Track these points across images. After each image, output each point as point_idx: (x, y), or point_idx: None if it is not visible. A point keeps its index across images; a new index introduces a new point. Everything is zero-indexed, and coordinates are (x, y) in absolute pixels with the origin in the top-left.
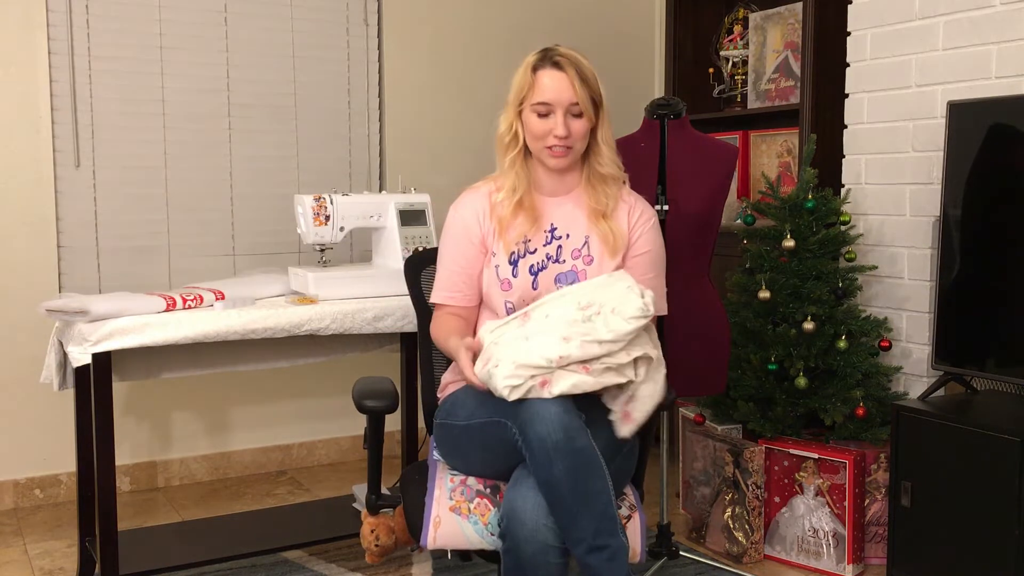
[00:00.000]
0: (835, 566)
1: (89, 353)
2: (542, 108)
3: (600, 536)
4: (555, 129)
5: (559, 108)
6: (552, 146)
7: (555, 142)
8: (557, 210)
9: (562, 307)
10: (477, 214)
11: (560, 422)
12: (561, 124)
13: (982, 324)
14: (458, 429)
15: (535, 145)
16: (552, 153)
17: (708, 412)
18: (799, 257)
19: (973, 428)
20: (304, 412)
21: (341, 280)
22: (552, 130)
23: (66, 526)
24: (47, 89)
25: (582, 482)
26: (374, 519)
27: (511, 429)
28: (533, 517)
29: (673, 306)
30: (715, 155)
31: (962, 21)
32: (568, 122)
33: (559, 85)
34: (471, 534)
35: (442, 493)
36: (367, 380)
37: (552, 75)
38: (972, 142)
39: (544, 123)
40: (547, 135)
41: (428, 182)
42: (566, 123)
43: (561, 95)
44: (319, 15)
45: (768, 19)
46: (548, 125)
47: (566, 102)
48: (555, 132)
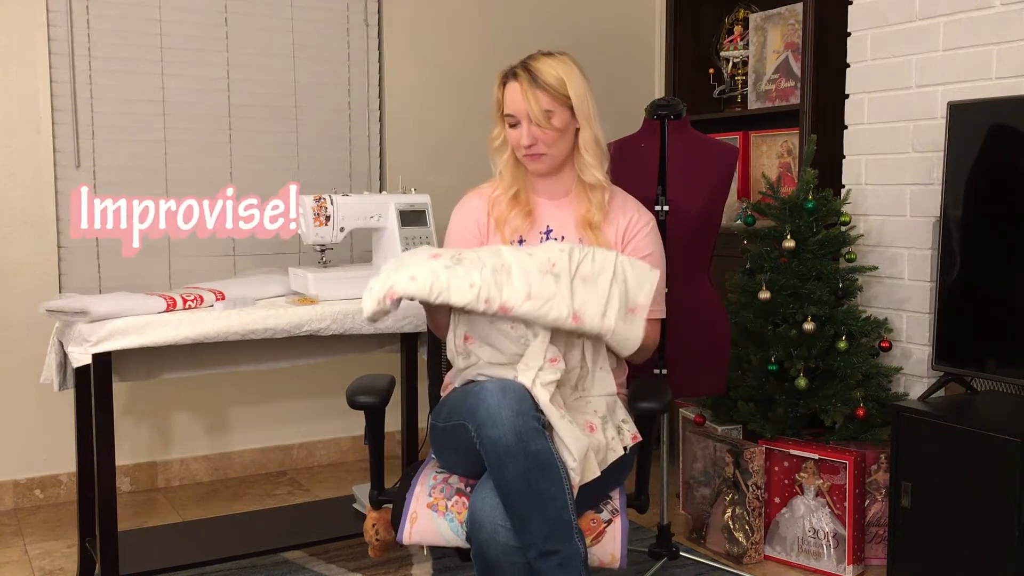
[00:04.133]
0: (835, 567)
1: (89, 353)
2: (510, 120)
3: (551, 541)
4: (521, 139)
5: (522, 118)
6: (524, 155)
7: (522, 150)
8: (553, 212)
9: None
10: (477, 213)
11: (512, 425)
12: (525, 134)
13: (982, 325)
14: (439, 430)
15: (517, 153)
16: (527, 160)
17: (708, 413)
18: (799, 258)
19: (973, 429)
20: (304, 412)
21: (341, 280)
22: (519, 140)
23: (66, 526)
24: (47, 89)
25: (534, 486)
26: (375, 514)
27: (471, 432)
28: (491, 519)
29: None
30: (715, 156)
31: (962, 21)
32: (532, 131)
33: (516, 96)
34: (446, 531)
35: (422, 490)
36: (365, 377)
37: (511, 87)
38: (972, 143)
39: (515, 133)
40: (518, 145)
41: (428, 182)
42: (530, 132)
43: (519, 106)
44: (319, 15)
45: (768, 19)
46: (515, 136)
47: (524, 112)
48: (520, 142)
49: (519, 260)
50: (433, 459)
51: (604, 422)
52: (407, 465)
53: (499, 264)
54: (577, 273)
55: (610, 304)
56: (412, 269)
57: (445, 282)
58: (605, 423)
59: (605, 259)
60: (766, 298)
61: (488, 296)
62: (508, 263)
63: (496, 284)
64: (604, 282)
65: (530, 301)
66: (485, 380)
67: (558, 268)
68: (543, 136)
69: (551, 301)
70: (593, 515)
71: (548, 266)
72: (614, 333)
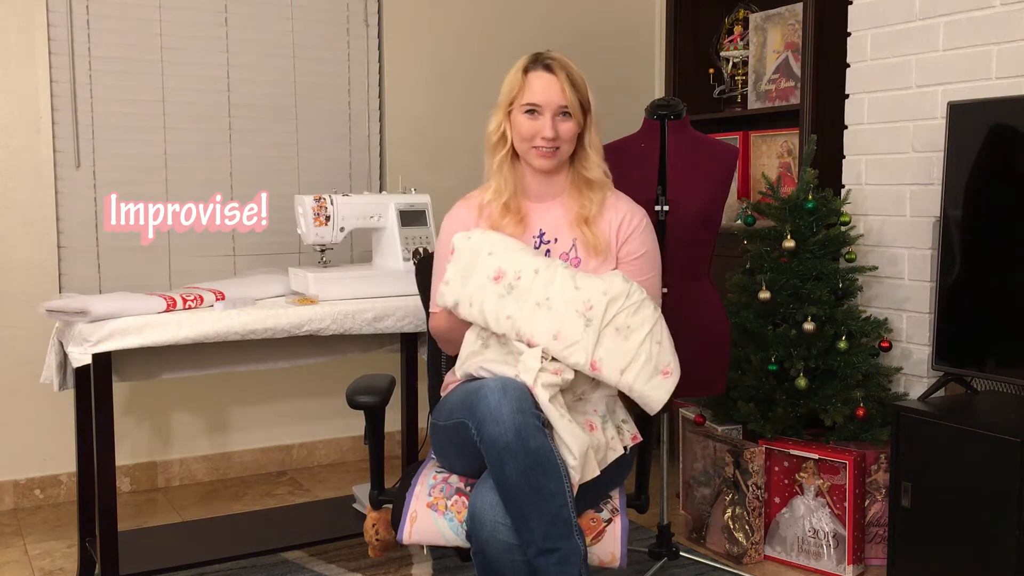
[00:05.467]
0: (835, 567)
1: (89, 353)
2: (531, 108)
3: (550, 538)
4: (543, 131)
5: (548, 110)
6: (539, 146)
7: (542, 143)
8: (545, 215)
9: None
10: (466, 224)
11: (512, 422)
12: (549, 126)
13: (982, 325)
14: (439, 429)
15: (523, 146)
16: (539, 153)
17: (708, 413)
18: (799, 258)
19: (973, 429)
20: (304, 412)
21: (341, 280)
22: (540, 131)
23: (66, 526)
24: (47, 89)
25: (534, 483)
26: (376, 514)
27: (471, 430)
28: (491, 517)
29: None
30: (715, 156)
31: (962, 21)
32: (556, 124)
33: (549, 88)
34: (446, 531)
35: (422, 489)
36: (365, 377)
37: (542, 77)
38: (972, 143)
39: (533, 124)
40: (535, 136)
41: (428, 182)
42: (554, 125)
43: (551, 97)
44: (319, 15)
45: (768, 20)
46: (536, 126)
47: (555, 104)
48: (543, 133)
49: (563, 294)
50: (433, 459)
51: (604, 421)
52: (407, 465)
53: (544, 297)
54: (611, 322)
55: (635, 361)
56: (474, 291)
57: (493, 314)
58: (605, 422)
59: (645, 318)
60: (766, 298)
61: (519, 330)
62: (552, 297)
63: (530, 321)
64: (637, 338)
65: (555, 341)
66: (486, 378)
67: (592, 313)
68: (566, 131)
69: (574, 346)
70: (593, 514)
71: (585, 308)
72: (632, 390)
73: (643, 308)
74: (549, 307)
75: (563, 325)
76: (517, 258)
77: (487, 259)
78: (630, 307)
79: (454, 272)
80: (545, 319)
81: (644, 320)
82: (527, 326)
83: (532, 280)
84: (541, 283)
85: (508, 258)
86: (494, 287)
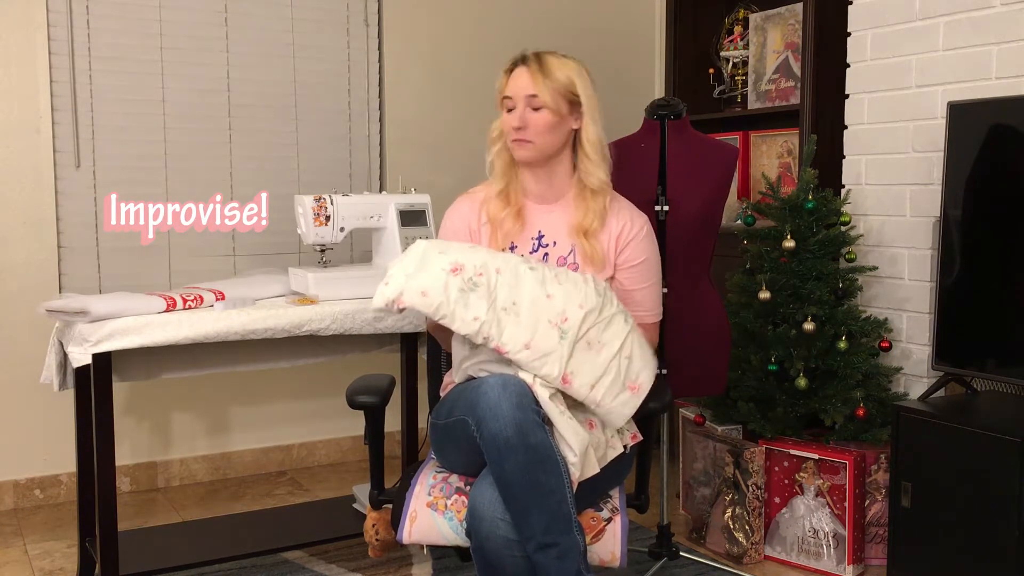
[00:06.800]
0: (835, 567)
1: (89, 353)
2: (508, 103)
3: (550, 533)
4: (512, 121)
5: (519, 101)
6: (512, 139)
7: (511, 133)
8: (545, 218)
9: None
10: (468, 218)
11: (512, 418)
12: (517, 116)
13: (982, 325)
14: (439, 428)
15: (507, 142)
16: (515, 145)
17: (708, 413)
18: (799, 258)
19: (973, 429)
20: (304, 412)
21: (341, 280)
22: (511, 122)
23: (66, 526)
24: (47, 89)
25: (534, 479)
26: (375, 514)
27: (472, 426)
28: (490, 513)
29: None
30: (715, 156)
31: (962, 21)
32: (526, 115)
33: (519, 79)
34: (446, 530)
35: (422, 489)
36: (365, 377)
37: (517, 72)
38: (972, 143)
39: (508, 117)
40: (510, 128)
41: (428, 182)
42: (522, 116)
43: (519, 88)
44: (319, 15)
45: (768, 20)
46: (509, 119)
47: (523, 94)
48: (511, 124)
49: (534, 302)
50: (433, 459)
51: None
52: (407, 465)
53: (510, 302)
54: (584, 336)
55: (604, 377)
56: (427, 282)
57: (451, 308)
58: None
59: (616, 333)
60: (766, 298)
61: (488, 335)
62: (520, 303)
63: (499, 325)
64: (607, 355)
65: (526, 351)
66: (486, 376)
67: (567, 325)
68: (536, 121)
69: (546, 357)
70: (593, 513)
71: (559, 319)
72: (599, 406)
73: (614, 322)
74: (517, 313)
75: (536, 335)
76: (475, 254)
77: (438, 256)
78: (602, 322)
79: (398, 270)
80: (515, 326)
81: (615, 335)
82: (495, 331)
83: (495, 280)
84: (505, 285)
85: (464, 255)
86: (454, 279)
